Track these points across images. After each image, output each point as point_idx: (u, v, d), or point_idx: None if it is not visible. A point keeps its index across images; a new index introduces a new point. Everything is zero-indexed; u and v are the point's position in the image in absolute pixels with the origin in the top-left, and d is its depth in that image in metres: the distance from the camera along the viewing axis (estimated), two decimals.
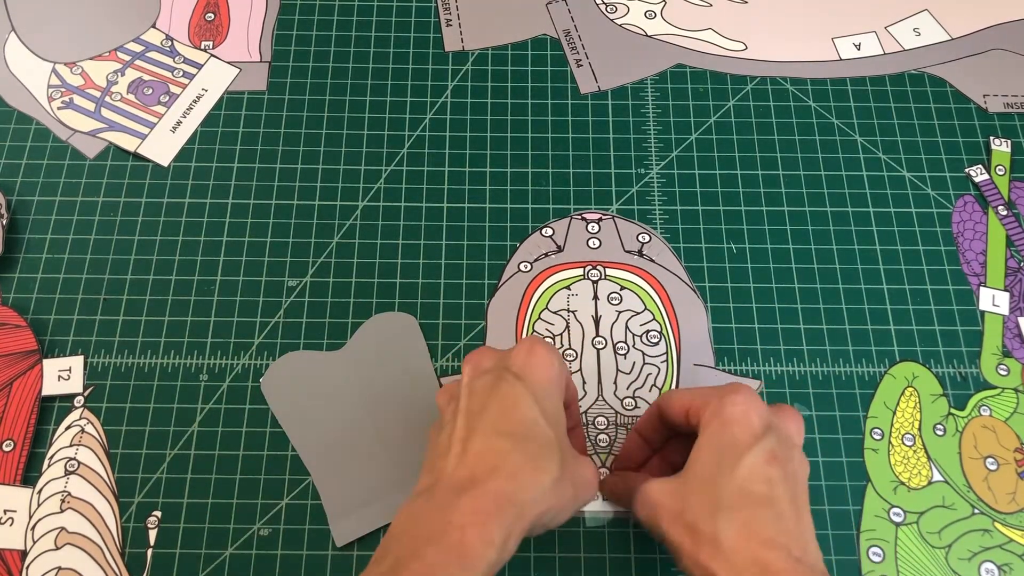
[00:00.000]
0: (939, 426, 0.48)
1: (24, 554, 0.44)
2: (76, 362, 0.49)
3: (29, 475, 0.46)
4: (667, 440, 0.43)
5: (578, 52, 0.59)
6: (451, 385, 0.40)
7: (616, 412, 0.48)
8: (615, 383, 0.48)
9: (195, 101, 0.56)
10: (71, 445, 0.47)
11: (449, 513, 0.34)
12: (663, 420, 0.41)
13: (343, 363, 0.49)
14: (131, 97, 0.56)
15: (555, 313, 0.50)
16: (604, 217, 0.53)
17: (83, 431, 0.47)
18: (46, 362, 0.49)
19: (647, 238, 0.53)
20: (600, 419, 0.48)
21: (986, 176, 0.55)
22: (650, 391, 0.48)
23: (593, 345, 0.49)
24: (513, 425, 0.36)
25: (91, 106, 0.56)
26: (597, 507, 0.45)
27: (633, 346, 0.49)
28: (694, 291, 0.51)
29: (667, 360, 0.49)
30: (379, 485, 0.46)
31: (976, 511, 0.46)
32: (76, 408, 0.48)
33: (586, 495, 0.39)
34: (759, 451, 0.36)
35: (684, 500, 0.36)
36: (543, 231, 0.53)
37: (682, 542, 0.36)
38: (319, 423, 0.47)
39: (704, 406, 0.38)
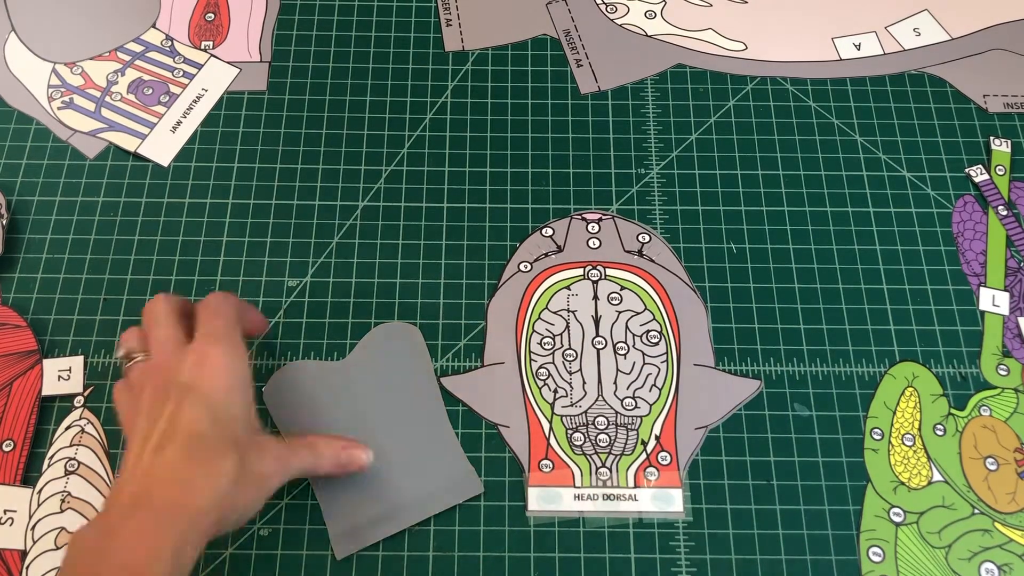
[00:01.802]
0: (939, 426, 0.48)
1: (24, 554, 0.44)
2: (76, 362, 0.49)
3: (29, 475, 0.46)
4: None
5: (578, 52, 0.59)
6: (126, 383, 0.42)
7: (616, 412, 0.48)
8: (615, 383, 0.48)
9: (195, 101, 0.56)
10: (71, 445, 0.47)
11: (116, 534, 0.34)
12: None
13: (345, 373, 0.49)
14: (131, 97, 0.56)
15: (555, 313, 0.50)
16: (604, 217, 0.53)
17: (83, 431, 0.47)
18: (46, 362, 0.49)
19: (647, 238, 0.53)
20: (600, 419, 0.48)
21: (986, 176, 0.55)
22: (650, 391, 0.48)
23: (593, 345, 0.49)
24: (180, 437, 0.37)
25: (91, 106, 0.56)
26: (594, 507, 0.45)
27: (633, 346, 0.49)
28: (694, 291, 0.51)
29: (667, 360, 0.49)
30: (381, 498, 0.45)
31: (976, 511, 0.46)
32: (76, 408, 0.48)
33: (271, 484, 0.40)
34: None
35: None
36: (543, 231, 0.53)
37: None
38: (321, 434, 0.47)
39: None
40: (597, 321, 0.50)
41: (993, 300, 0.51)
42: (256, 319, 0.46)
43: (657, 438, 0.47)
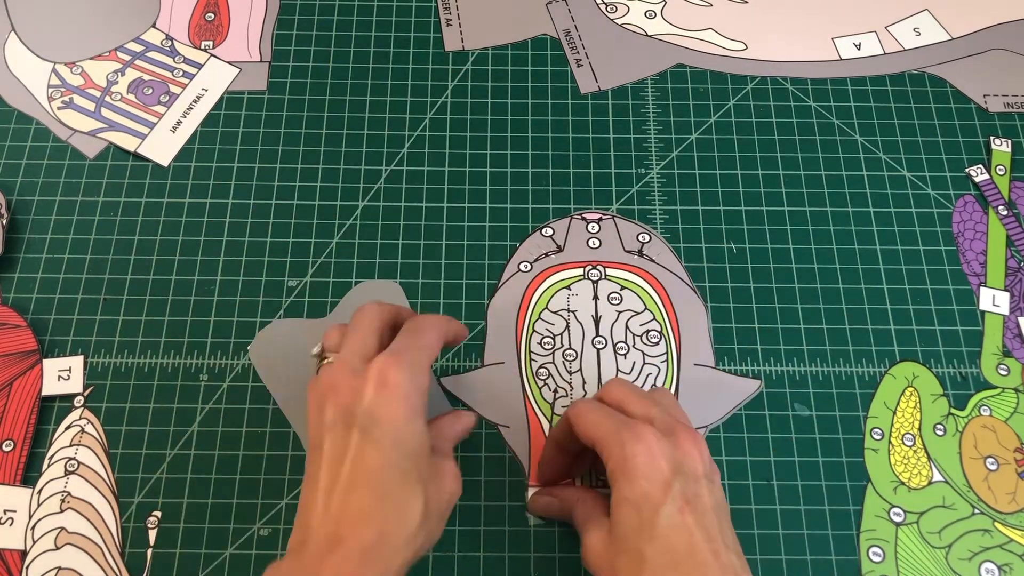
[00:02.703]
0: (939, 426, 0.48)
1: (24, 554, 0.44)
2: (76, 362, 0.49)
3: (29, 475, 0.46)
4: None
5: (578, 52, 0.59)
6: (317, 388, 0.39)
7: None
8: None
9: (195, 101, 0.56)
10: (71, 445, 0.47)
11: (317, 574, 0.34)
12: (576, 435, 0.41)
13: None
14: (131, 97, 0.56)
15: (555, 313, 0.50)
16: (604, 217, 0.53)
17: (83, 431, 0.47)
18: (46, 362, 0.49)
19: (647, 238, 0.53)
20: None
21: (986, 176, 0.55)
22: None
23: (593, 345, 0.49)
24: (370, 476, 0.36)
25: (91, 106, 0.56)
26: None
27: (633, 346, 0.49)
28: (694, 291, 0.51)
29: (667, 360, 0.49)
30: None
31: (976, 511, 0.46)
32: (76, 408, 0.48)
33: (451, 506, 0.39)
34: (671, 505, 0.36)
35: (614, 560, 0.37)
36: (543, 231, 0.53)
37: None
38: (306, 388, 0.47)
39: (608, 453, 0.38)
40: (597, 321, 0.50)
41: (993, 300, 0.51)
42: (459, 331, 0.44)
43: None
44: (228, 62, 0.58)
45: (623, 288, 0.51)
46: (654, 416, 0.39)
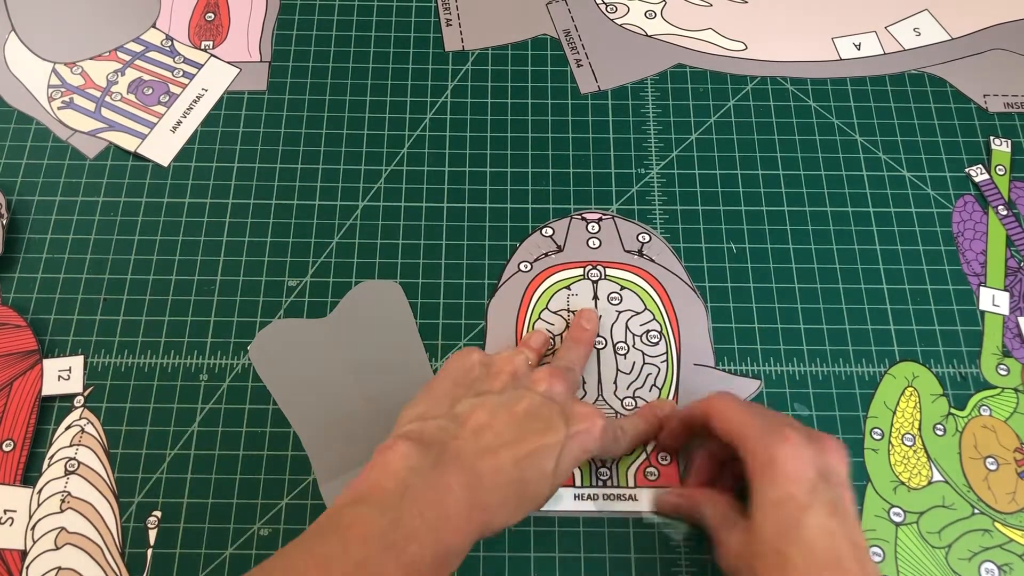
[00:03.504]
0: (939, 426, 0.48)
1: (24, 554, 0.44)
2: (76, 362, 0.49)
3: (29, 475, 0.46)
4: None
5: (578, 52, 0.59)
6: (482, 356, 0.43)
7: (616, 412, 0.48)
8: (615, 383, 0.48)
9: (195, 101, 0.56)
10: (71, 445, 0.47)
11: (442, 526, 0.35)
12: (713, 431, 0.41)
13: (330, 330, 0.49)
14: (131, 97, 0.56)
15: (555, 313, 0.50)
16: (604, 217, 0.53)
17: (83, 431, 0.47)
18: (46, 362, 0.49)
19: (647, 238, 0.53)
20: None
21: (986, 176, 0.55)
22: (650, 391, 0.48)
23: (593, 345, 0.49)
24: (524, 469, 0.38)
25: (91, 106, 0.56)
26: (594, 507, 0.45)
27: (633, 346, 0.49)
28: (694, 291, 0.51)
29: (667, 360, 0.49)
30: (367, 448, 0.46)
31: (976, 511, 0.46)
32: (76, 408, 0.48)
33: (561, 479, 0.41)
34: (819, 509, 0.36)
35: (753, 558, 0.37)
36: (543, 231, 0.53)
37: None
38: (307, 388, 0.48)
39: (752, 453, 0.38)
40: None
41: (993, 300, 0.51)
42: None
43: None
44: (228, 62, 0.58)
45: (623, 288, 0.51)
46: (792, 422, 0.39)
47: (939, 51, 0.59)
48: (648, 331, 0.50)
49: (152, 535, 0.45)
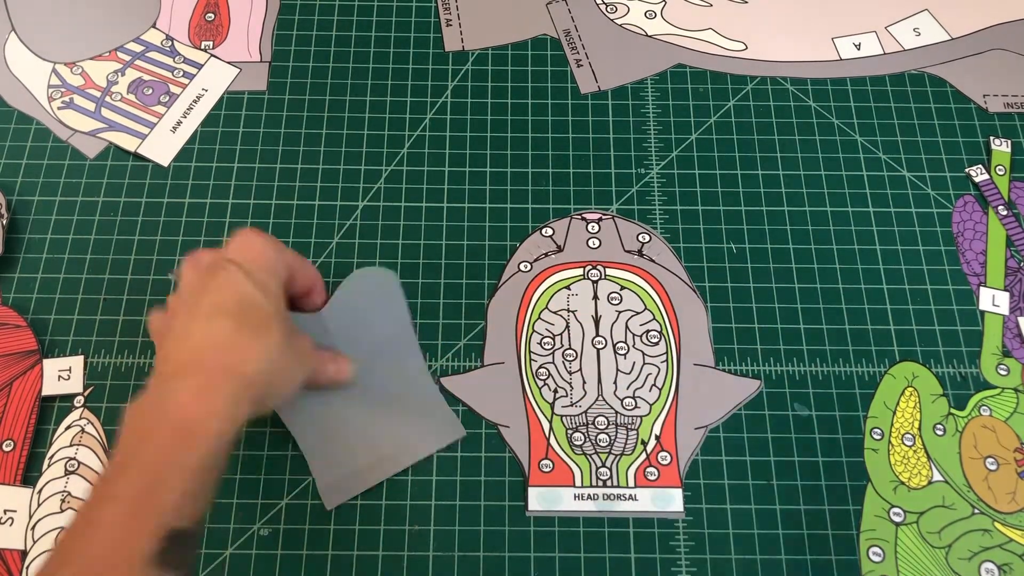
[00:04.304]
0: (939, 426, 0.48)
1: (24, 554, 0.44)
2: (76, 362, 0.49)
3: (29, 475, 0.46)
4: None
5: (578, 52, 0.59)
6: (178, 285, 0.42)
7: (616, 412, 0.48)
8: (615, 383, 0.48)
9: (195, 101, 0.56)
10: (71, 445, 0.47)
11: (172, 395, 0.35)
12: None
13: (323, 320, 0.48)
14: (131, 97, 0.56)
15: (555, 313, 0.50)
16: (604, 217, 0.53)
17: (83, 431, 0.47)
18: (46, 362, 0.49)
19: (647, 238, 0.53)
20: (600, 419, 0.48)
21: (986, 176, 0.55)
22: (650, 391, 0.48)
23: (593, 345, 0.49)
24: (231, 304, 0.38)
25: (91, 106, 0.56)
26: (594, 507, 0.45)
27: (633, 346, 0.49)
28: (694, 291, 0.51)
29: (667, 360, 0.49)
30: (363, 446, 0.46)
31: (976, 511, 0.46)
32: (76, 408, 0.48)
33: (308, 364, 0.42)
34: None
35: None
36: (543, 231, 0.53)
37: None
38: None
39: None
40: (597, 321, 0.50)
41: (993, 300, 0.51)
42: (313, 282, 0.47)
43: (657, 438, 0.47)
44: (228, 62, 0.58)
45: (623, 288, 0.51)
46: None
47: (939, 51, 0.59)
48: (648, 331, 0.50)
49: None
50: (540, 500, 0.46)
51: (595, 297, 0.51)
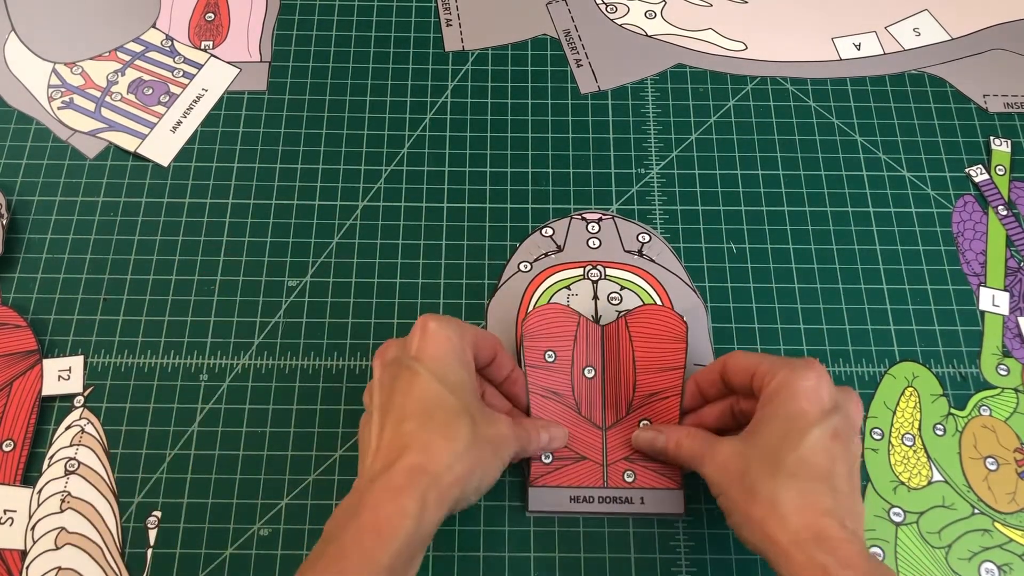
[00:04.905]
0: (939, 426, 0.48)
1: (24, 554, 0.44)
2: (76, 362, 0.49)
3: (29, 475, 0.46)
4: (722, 396, 0.45)
5: (578, 52, 0.59)
6: (371, 383, 0.42)
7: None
8: None
9: (195, 101, 0.56)
10: (71, 445, 0.47)
11: (365, 497, 0.36)
12: (724, 378, 0.43)
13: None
14: (131, 97, 0.56)
15: None
16: (604, 217, 0.53)
17: (83, 431, 0.47)
18: (46, 362, 0.49)
19: (647, 238, 0.53)
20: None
21: (986, 176, 0.55)
22: None
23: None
24: (416, 406, 0.38)
25: (91, 106, 0.56)
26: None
27: None
28: (694, 291, 0.51)
29: None
30: None
31: (976, 511, 0.46)
32: (76, 408, 0.48)
33: (507, 451, 0.41)
34: (826, 427, 0.37)
35: (747, 462, 0.38)
36: (543, 231, 0.53)
37: (738, 500, 0.38)
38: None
39: (772, 374, 0.39)
40: (597, 321, 0.50)
41: (993, 300, 0.51)
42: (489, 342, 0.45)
43: None
44: (228, 62, 0.58)
45: (623, 288, 0.51)
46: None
47: (939, 51, 0.59)
48: None
49: (152, 535, 0.45)
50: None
51: (595, 297, 0.51)
